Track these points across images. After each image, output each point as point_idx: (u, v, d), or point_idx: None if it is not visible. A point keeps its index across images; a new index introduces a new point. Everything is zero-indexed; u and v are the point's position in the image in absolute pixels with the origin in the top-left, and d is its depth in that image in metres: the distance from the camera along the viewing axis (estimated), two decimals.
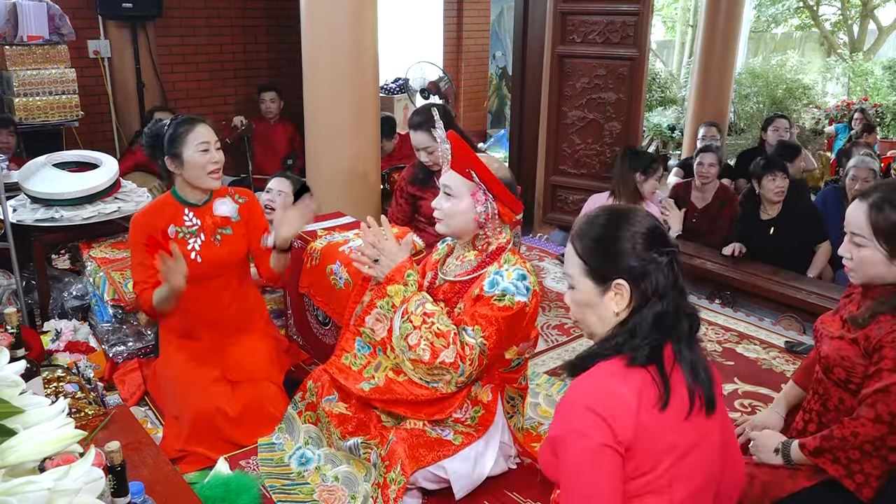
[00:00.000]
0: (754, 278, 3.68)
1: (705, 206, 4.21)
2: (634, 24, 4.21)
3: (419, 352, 1.89)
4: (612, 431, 1.18)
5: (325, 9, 3.38)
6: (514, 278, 1.93)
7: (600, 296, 1.30)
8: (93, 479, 1.00)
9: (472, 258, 2.04)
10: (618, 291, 1.28)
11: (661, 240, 1.29)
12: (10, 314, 1.71)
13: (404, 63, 6.22)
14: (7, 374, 1.13)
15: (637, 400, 1.21)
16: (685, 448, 1.23)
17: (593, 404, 1.20)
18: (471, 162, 1.92)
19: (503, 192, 1.96)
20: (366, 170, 3.64)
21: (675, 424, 1.23)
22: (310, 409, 2.23)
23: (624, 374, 1.23)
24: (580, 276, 1.33)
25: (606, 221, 1.32)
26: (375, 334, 2.02)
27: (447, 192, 1.98)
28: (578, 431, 1.20)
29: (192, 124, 2.40)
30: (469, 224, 1.98)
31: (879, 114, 8.02)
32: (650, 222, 1.30)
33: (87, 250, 3.20)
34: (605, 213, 1.34)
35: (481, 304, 1.92)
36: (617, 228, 1.29)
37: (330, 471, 2.14)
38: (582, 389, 1.24)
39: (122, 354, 2.88)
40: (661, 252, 1.27)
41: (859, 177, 3.87)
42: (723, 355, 3.17)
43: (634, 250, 1.27)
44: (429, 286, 2.14)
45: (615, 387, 1.22)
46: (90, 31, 5.18)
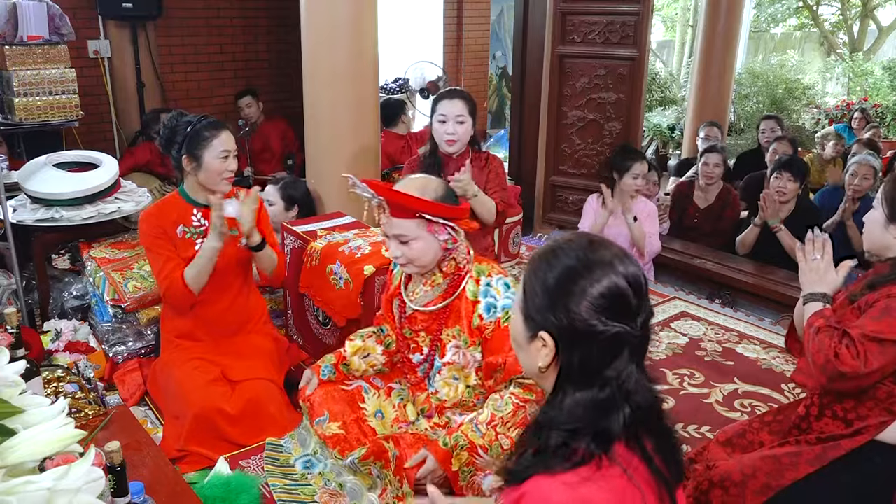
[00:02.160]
0: (754, 278, 3.68)
1: (708, 206, 4.21)
2: (634, 24, 4.21)
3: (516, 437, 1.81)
4: None
5: (325, 9, 3.38)
6: (503, 292, 1.92)
7: (527, 341, 1.12)
8: (93, 479, 0.99)
9: (441, 280, 1.98)
10: (543, 345, 1.09)
11: (618, 307, 1.05)
12: (10, 314, 1.71)
13: (404, 63, 6.22)
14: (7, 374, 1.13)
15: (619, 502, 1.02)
16: None
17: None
18: (415, 207, 1.84)
19: (452, 210, 1.90)
20: (366, 170, 3.64)
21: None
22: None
23: (595, 476, 1.02)
24: (517, 307, 1.15)
25: (571, 264, 1.09)
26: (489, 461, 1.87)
27: (402, 239, 1.88)
28: None
29: (217, 130, 2.41)
30: (437, 255, 1.92)
31: (879, 114, 8.02)
32: (613, 283, 1.06)
33: (87, 250, 3.20)
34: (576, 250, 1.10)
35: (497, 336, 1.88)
36: (576, 277, 1.07)
37: (335, 478, 2.13)
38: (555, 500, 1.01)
39: (122, 354, 2.88)
40: (607, 320, 1.04)
41: (859, 173, 3.86)
42: (723, 355, 3.17)
43: (575, 309, 1.05)
44: (400, 316, 2.08)
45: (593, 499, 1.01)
46: (90, 31, 5.18)
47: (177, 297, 2.45)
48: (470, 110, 2.75)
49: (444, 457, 1.83)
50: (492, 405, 1.87)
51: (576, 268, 1.08)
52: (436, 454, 1.84)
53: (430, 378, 2.06)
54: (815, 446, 1.71)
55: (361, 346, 2.21)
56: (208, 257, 2.41)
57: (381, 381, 2.25)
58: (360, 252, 2.63)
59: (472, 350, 1.96)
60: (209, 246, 2.40)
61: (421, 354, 2.06)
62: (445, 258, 1.96)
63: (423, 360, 2.06)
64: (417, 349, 2.07)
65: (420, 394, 2.10)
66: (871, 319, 1.62)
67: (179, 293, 2.43)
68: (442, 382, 2.03)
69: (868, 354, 1.57)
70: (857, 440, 1.67)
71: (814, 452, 1.70)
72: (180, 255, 2.46)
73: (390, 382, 2.24)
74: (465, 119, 2.73)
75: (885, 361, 1.58)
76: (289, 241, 2.97)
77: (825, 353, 1.61)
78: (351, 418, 2.12)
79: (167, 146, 2.45)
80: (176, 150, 2.42)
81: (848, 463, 1.67)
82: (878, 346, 1.58)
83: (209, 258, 2.41)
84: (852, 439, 1.67)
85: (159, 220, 2.46)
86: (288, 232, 2.98)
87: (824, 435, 1.72)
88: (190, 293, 2.43)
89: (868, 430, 1.67)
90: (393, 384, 2.23)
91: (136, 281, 2.98)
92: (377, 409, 2.17)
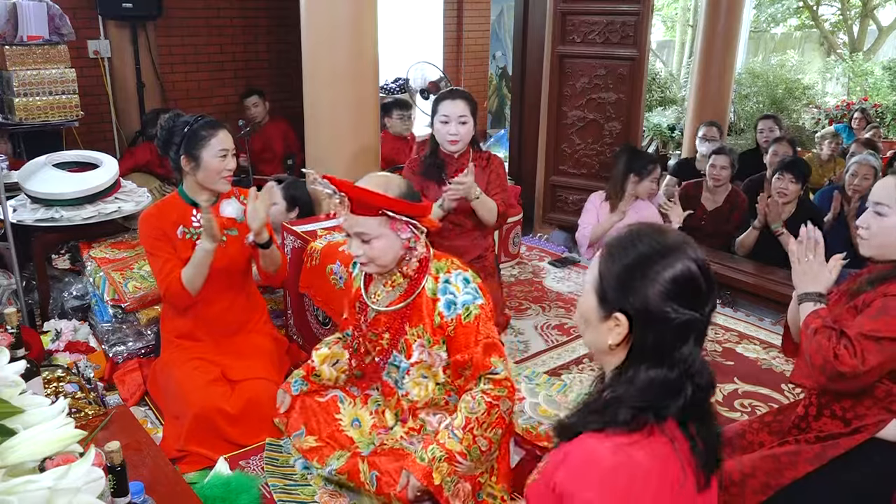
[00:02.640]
0: (754, 278, 3.68)
1: (716, 208, 4.16)
2: (634, 24, 4.21)
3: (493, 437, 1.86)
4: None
5: (325, 9, 3.38)
6: (462, 288, 1.90)
7: (600, 320, 1.18)
8: (93, 479, 0.99)
9: (401, 280, 1.97)
10: (616, 324, 1.15)
11: (690, 294, 1.12)
12: (10, 314, 1.71)
13: (404, 63, 6.22)
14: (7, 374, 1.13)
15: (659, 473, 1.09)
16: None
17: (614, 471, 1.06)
18: (377, 203, 1.82)
19: (415, 208, 1.88)
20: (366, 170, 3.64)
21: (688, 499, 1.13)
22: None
23: (644, 443, 1.10)
24: (591, 288, 1.20)
25: (645, 250, 1.14)
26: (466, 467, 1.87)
27: (363, 237, 1.85)
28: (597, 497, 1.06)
29: (215, 129, 2.41)
30: (398, 254, 1.90)
31: (879, 114, 8.02)
32: (689, 268, 1.12)
33: (87, 250, 3.20)
34: (649, 237, 1.16)
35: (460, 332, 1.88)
36: (651, 262, 1.13)
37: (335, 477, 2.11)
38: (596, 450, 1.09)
39: (122, 354, 2.89)
40: (680, 308, 1.11)
41: (859, 173, 3.86)
42: (723, 355, 3.17)
43: (651, 293, 1.11)
44: (363, 319, 2.07)
45: (635, 454, 1.08)
46: (90, 31, 5.18)
47: (176, 297, 2.45)
48: (472, 110, 2.76)
49: (424, 473, 1.81)
50: (465, 408, 1.85)
51: (653, 254, 1.14)
52: (415, 472, 1.82)
53: (398, 381, 2.05)
54: (814, 445, 1.72)
55: (329, 353, 2.20)
56: (202, 259, 2.40)
57: (357, 388, 2.22)
58: None
59: (437, 349, 1.94)
60: (202, 248, 2.40)
61: (383, 357, 2.05)
62: (406, 257, 1.92)
63: (387, 362, 2.04)
64: (382, 351, 2.04)
65: (391, 398, 2.09)
66: (869, 318, 1.62)
67: (177, 294, 2.43)
68: (412, 383, 2.01)
69: (865, 353, 1.58)
70: (856, 439, 1.67)
71: (813, 451, 1.70)
72: (180, 256, 2.46)
73: (367, 390, 2.20)
74: (467, 119, 2.73)
75: (883, 359, 1.58)
76: (289, 241, 2.97)
77: (823, 354, 1.61)
78: (327, 432, 2.11)
79: (165, 147, 2.45)
80: (174, 151, 2.42)
81: (847, 461, 1.67)
82: (876, 344, 1.58)
83: (203, 260, 2.40)
84: (851, 438, 1.68)
85: (159, 220, 2.46)
86: (288, 232, 2.98)
87: (823, 434, 1.72)
88: (187, 294, 2.43)
89: (867, 428, 1.67)
90: (370, 391, 2.20)
91: (136, 281, 2.98)
92: (354, 418, 2.15)
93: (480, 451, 1.83)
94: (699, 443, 1.14)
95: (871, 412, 1.67)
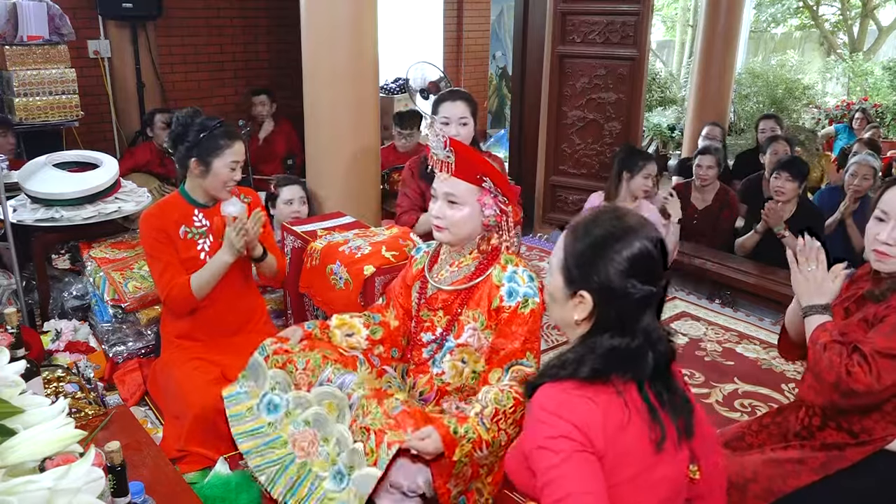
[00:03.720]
0: (754, 278, 3.68)
1: (706, 207, 4.21)
2: (634, 24, 4.21)
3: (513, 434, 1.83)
4: (584, 436, 1.17)
5: (325, 9, 3.38)
6: (527, 282, 1.93)
7: (566, 298, 1.28)
8: (93, 479, 0.99)
9: (470, 262, 2.00)
10: (581, 301, 1.25)
11: (648, 270, 1.22)
12: (10, 314, 1.71)
13: (404, 63, 6.22)
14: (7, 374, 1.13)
15: (605, 411, 1.19)
16: (651, 465, 1.23)
17: (564, 413, 1.19)
18: (482, 168, 1.87)
19: (509, 187, 1.92)
20: (366, 170, 3.64)
21: (641, 446, 1.22)
22: (277, 354, 2.08)
23: (589, 387, 1.21)
24: (557, 269, 1.30)
25: (605, 232, 1.25)
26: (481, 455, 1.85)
27: (451, 199, 1.90)
28: (555, 440, 1.18)
29: (232, 140, 2.41)
30: (476, 230, 1.94)
31: (879, 114, 8.02)
32: (645, 247, 1.22)
33: (87, 250, 3.20)
34: (608, 220, 1.27)
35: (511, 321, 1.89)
36: (610, 242, 1.23)
37: (300, 415, 2.02)
38: (550, 400, 1.22)
39: (122, 354, 2.89)
40: (639, 284, 1.21)
41: (859, 173, 3.86)
42: (723, 355, 3.17)
43: (612, 272, 1.21)
44: (420, 297, 2.08)
45: (581, 396, 1.20)
46: (90, 31, 5.18)
47: (178, 302, 2.45)
48: (472, 111, 2.75)
49: (449, 441, 1.76)
50: (494, 399, 1.84)
51: (612, 235, 1.24)
52: (443, 436, 1.75)
53: (435, 360, 2.04)
54: (818, 453, 1.69)
55: (348, 320, 2.17)
56: (218, 270, 2.42)
57: (379, 360, 2.17)
58: (360, 252, 2.62)
59: (487, 333, 1.96)
60: (221, 260, 2.41)
61: (433, 334, 2.04)
62: (484, 239, 1.96)
63: (433, 340, 2.04)
64: (431, 328, 2.05)
65: (422, 376, 2.07)
66: (883, 336, 1.58)
67: (182, 299, 2.43)
68: (450, 364, 2.01)
69: (881, 371, 1.53)
70: (863, 451, 1.64)
71: (818, 461, 1.67)
72: (182, 255, 2.46)
73: (386, 365, 2.17)
74: (467, 121, 2.73)
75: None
76: (289, 241, 2.97)
77: (836, 371, 1.57)
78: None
79: (175, 142, 2.43)
80: (185, 149, 2.40)
81: (852, 471, 1.65)
82: (891, 361, 1.54)
83: (219, 271, 2.42)
84: (858, 449, 1.65)
85: (160, 220, 2.45)
86: (288, 232, 2.98)
87: (828, 442, 1.70)
88: (192, 300, 2.44)
89: (874, 441, 1.64)
90: (387, 367, 2.17)
91: (136, 281, 2.98)
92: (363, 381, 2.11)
93: (500, 444, 1.82)
94: (655, 400, 1.24)
95: (878, 426, 1.64)
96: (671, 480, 1.27)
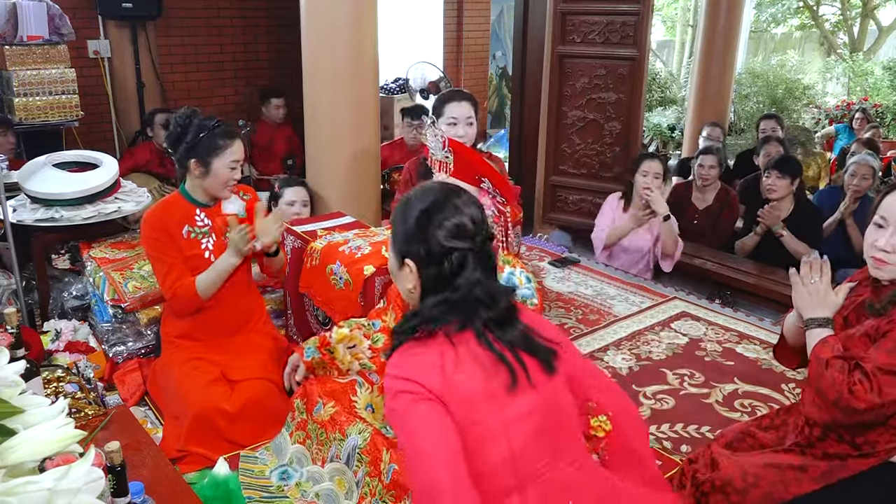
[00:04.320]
0: (754, 278, 3.68)
1: (706, 207, 4.21)
2: (634, 24, 4.21)
3: None
4: (420, 385, 1.27)
5: (325, 9, 3.38)
6: (525, 283, 1.92)
7: (398, 268, 1.42)
8: (93, 479, 0.99)
9: None
10: (410, 270, 1.38)
11: (465, 233, 1.35)
12: (10, 314, 1.71)
13: (404, 63, 6.22)
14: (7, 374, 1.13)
15: (439, 358, 1.30)
16: (504, 404, 1.31)
17: (399, 371, 1.31)
18: (481, 169, 1.88)
19: (508, 188, 1.93)
20: (366, 170, 3.64)
21: (485, 387, 1.30)
22: (300, 428, 2.19)
23: (422, 343, 1.33)
24: (390, 245, 1.45)
25: (428, 205, 1.38)
26: None
27: None
28: (396, 398, 1.29)
29: (231, 139, 2.40)
30: None
31: (879, 114, 8.02)
32: (464, 212, 1.36)
33: (87, 250, 3.20)
34: (433, 193, 1.40)
35: None
36: (431, 213, 1.36)
37: (311, 488, 2.09)
38: (390, 364, 1.34)
39: (122, 354, 2.88)
40: (457, 245, 1.34)
41: (858, 173, 3.86)
42: (723, 355, 3.17)
43: (432, 238, 1.34)
44: None
45: (415, 352, 1.33)
46: (90, 31, 5.18)
47: (184, 303, 2.45)
48: (476, 111, 2.76)
49: None
50: None
51: (429, 209, 1.37)
52: None
53: None
54: (821, 462, 1.67)
55: (348, 334, 2.19)
56: (225, 271, 2.43)
57: (377, 376, 2.23)
58: (360, 252, 2.62)
59: None
60: (227, 262, 2.43)
61: None
62: None
63: None
64: None
65: None
66: (885, 352, 1.56)
67: (188, 300, 2.43)
68: None
69: (882, 387, 1.52)
70: (867, 462, 1.63)
71: (820, 469, 1.66)
72: (186, 254, 2.46)
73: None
74: (473, 121, 2.73)
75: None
76: (289, 241, 2.97)
77: (838, 389, 1.55)
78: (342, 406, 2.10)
79: (174, 143, 2.42)
80: (184, 150, 2.40)
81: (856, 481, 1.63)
82: (893, 378, 1.53)
83: (224, 273, 2.43)
84: (861, 460, 1.64)
85: (163, 221, 2.45)
86: (288, 232, 2.97)
87: (830, 453, 1.68)
88: (197, 300, 2.44)
89: (878, 454, 1.62)
90: None
91: (136, 281, 2.98)
92: (368, 403, 2.15)
93: None
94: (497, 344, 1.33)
95: (882, 438, 1.62)
96: (539, 413, 1.34)
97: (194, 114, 2.43)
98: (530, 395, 1.33)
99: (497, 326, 1.36)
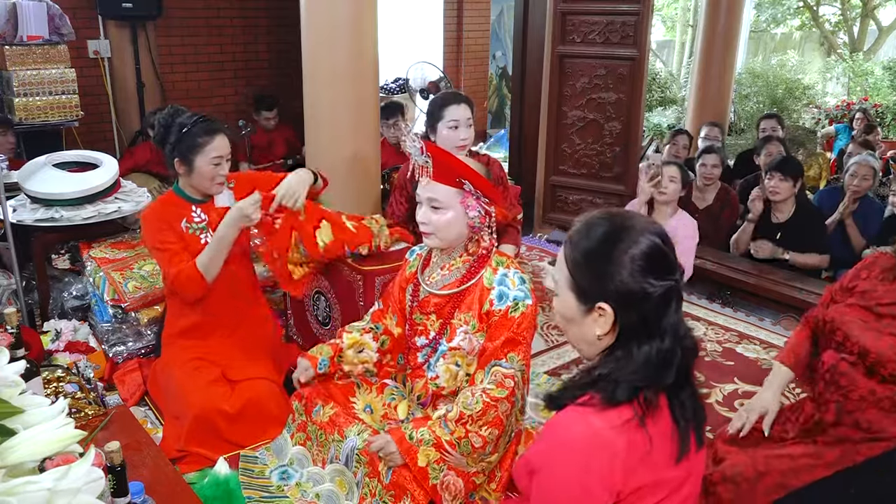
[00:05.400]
0: (754, 278, 3.68)
1: (706, 206, 4.20)
2: (634, 24, 4.21)
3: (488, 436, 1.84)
4: (599, 485, 1.10)
5: (325, 9, 3.37)
6: (518, 284, 1.92)
7: (583, 315, 1.19)
8: (93, 479, 0.99)
9: (460, 265, 2.00)
10: (601, 314, 1.16)
11: (661, 265, 1.15)
12: (10, 314, 1.71)
13: (404, 63, 6.22)
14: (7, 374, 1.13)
15: (626, 446, 1.11)
16: (675, 485, 1.18)
17: (581, 451, 1.11)
18: (460, 171, 1.86)
19: (490, 188, 1.92)
20: (366, 170, 3.64)
21: (663, 467, 1.15)
22: (300, 430, 2.20)
23: (612, 415, 1.12)
24: (565, 287, 1.21)
25: (604, 235, 1.17)
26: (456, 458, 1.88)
27: (434, 205, 1.90)
28: (562, 475, 1.12)
29: (211, 135, 2.37)
30: (462, 233, 1.94)
31: (879, 114, 8.01)
32: (652, 242, 1.15)
33: (87, 250, 3.20)
34: (605, 222, 1.19)
35: (500, 323, 1.89)
36: (613, 244, 1.15)
37: (312, 488, 2.10)
38: (569, 429, 1.14)
39: (122, 354, 2.88)
40: (656, 280, 1.13)
41: (859, 173, 3.86)
42: (723, 355, 3.17)
43: (626, 274, 1.13)
44: (413, 300, 2.08)
45: (603, 431, 1.11)
46: (90, 31, 5.18)
47: (188, 286, 2.38)
48: (473, 112, 2.78)
49: (406, 447, 1.82)
50: (462, 402, 1.86)
51: (613, 236, 1.15)
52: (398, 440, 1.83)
53: (430, 364, 2.05)
54: (833, 448, 1.69)
55: (358, 339, 2.19)
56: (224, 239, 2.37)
57: (377, 377, 2.24)
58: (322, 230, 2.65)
59: (479, 336, 1.96)
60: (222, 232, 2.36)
61: (426, 338, 2.05)
62: (471, 241, 1.97)
63: (427, 344, 2.05)
64: (424, 332, 2.06)
65: (418, 380, 2.09)
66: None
67: (192, 282, 2.37)
68: (444, 367, 2.01)
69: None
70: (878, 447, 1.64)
71: (833, 455, 1.67)
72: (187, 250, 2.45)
73: (385, 378, 2.23)
74: (472, 123, 2.76)
75: None
76: None
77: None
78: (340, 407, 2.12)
79: (160, 143, 2.44)
80: (168, 149, 2.40)
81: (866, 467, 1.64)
82: None
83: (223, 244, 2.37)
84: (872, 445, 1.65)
85: (163, 214, 2.45)
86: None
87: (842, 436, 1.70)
88: (204, 282, 2.38)
89: (889, 439, 1.64)
90: (388, 380, 2.22)
91: (136, 281, 2.98)
92: (367, 405, 2.16)
93: (472, 446, 1.83)
94: (686, 411, 1.16)
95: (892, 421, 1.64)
96: (693, 496, 1.23)
97: (177, 113, 2.42)
98: (684, 464, 1.18)
99: (682, 385, 1.16)
